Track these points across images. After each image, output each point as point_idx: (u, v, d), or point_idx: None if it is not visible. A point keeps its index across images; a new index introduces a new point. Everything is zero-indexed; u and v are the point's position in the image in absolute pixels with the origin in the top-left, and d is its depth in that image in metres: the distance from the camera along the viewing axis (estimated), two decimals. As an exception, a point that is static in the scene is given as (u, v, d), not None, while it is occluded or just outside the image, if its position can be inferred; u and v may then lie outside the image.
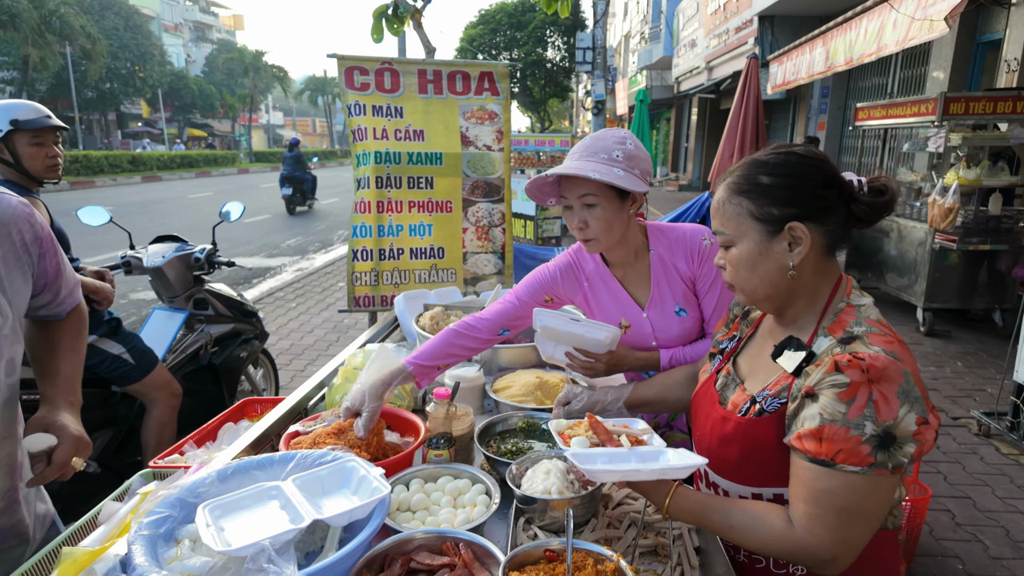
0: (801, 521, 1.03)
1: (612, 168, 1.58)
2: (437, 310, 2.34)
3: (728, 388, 1.28)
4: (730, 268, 1.17)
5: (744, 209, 1.12)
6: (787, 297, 1.15)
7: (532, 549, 1.11)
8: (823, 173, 1.11)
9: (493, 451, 1.59)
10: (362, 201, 3.44)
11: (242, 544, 1.03)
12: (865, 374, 0.97)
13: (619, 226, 1.66)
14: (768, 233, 1.10)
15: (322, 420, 1.60)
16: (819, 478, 1.00)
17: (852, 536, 1.01)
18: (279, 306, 7.31)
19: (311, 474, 1.28)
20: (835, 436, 0.98)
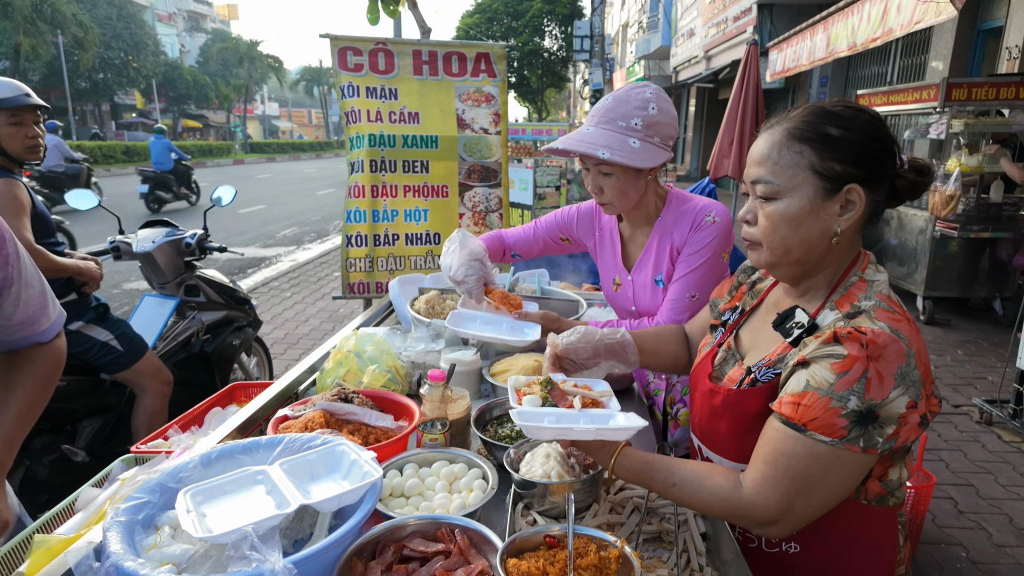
0: (753, 480, 1.01)
1: (627, 139, 1.54)
2: (432, 294, 2.28)
3: (727, 363, 1.22)
4: (766, 223, 1.05)
5: (805, 159, 1.01)
6: (815, 265, 1.08)
7: (531, 535, 1.06)
8: (885, 135, 1.04)
9: (490, 435, 1.53)
10: (356, 185, 3.36)
11: (224, 530, 0.98)
12: (864, 349, 0.92)
13: (635, 193, 1.65)
14: (824, 191, 1.01)
15: (313, 404, 1.54)
16: (784, 440, 0.97)
17: (800, 505, 0.98)
18: (274, 295, 7.24)
19: (299, 458, 1.22)
20: (814, 404, 0.94)
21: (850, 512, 1.08)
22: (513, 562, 0.98)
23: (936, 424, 4.05)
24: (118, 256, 2.99)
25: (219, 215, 12.88)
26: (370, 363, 1.76)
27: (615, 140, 1.53)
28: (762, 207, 1.06)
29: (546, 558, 1.01)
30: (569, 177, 9.84)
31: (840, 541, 1.11)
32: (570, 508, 1.05)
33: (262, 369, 3.87)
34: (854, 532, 1.10)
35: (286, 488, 1.11)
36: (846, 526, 1.10)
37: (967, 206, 5.69)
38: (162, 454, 1.27)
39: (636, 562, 0.98)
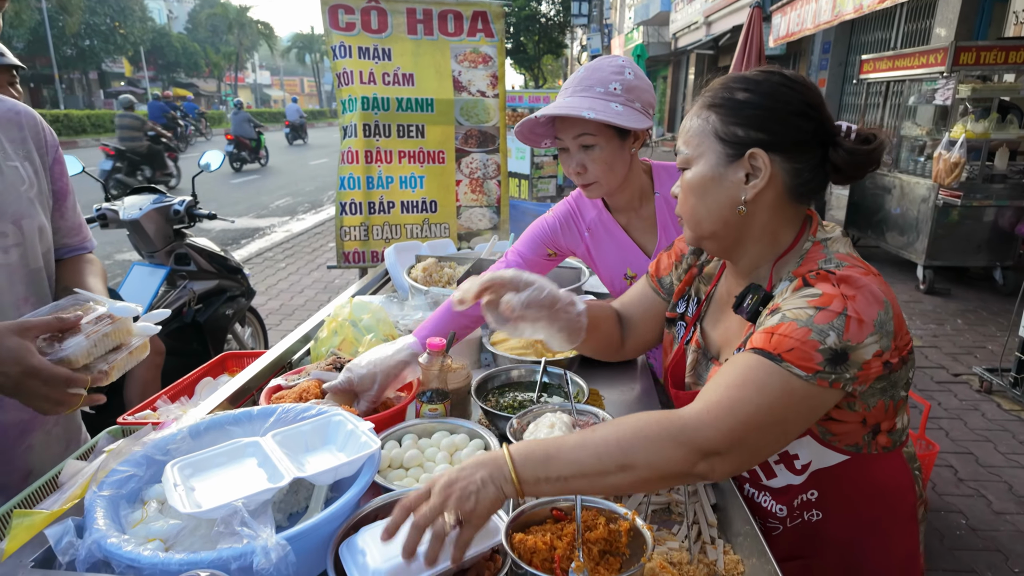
0: (707, 401, 0.87)
1: (609, 103, 1.42)
2: (430, 261, 2.21)
3: (701, 366, 1.15)
4: (681, 194, 1.04)
5: (710, 125, 0.98)
6: (736, 239, 1.02)
7: (538, 508, 1.01)
8: (803, 100, 0.96)
9: (492, 405, 1.48)
10: (349, 151, 3.26)
11: (213, 505, 0.92)
12: (837, 287, 0.88)
13: (621, 167, 1.51)
14: (727, 157, 0.97)
15: (307, 374, 1.48)
16: (756, 368, 0.87)
17: (754, 440, 0.87)
18: (268, 266, 7.15)
19: (293, 429, 1.16)
20: (792, 333, 0.87)
21: (863, 466, 1.04)
22: (519, 536, 0.94)
23: (936, 393, 4.04)
24: (104, 224, 2.91)
25: (211, 185, 12.69)
26: (366, 332, 1.70)
27: (597, 103, 1.41)
28: (680, 180, 1.04)
29: (553, 532, 0.97)
30: (567, 146, 9.72)
31: (860, 496, 1.07)
32: (578, 481, 1.00)
33: (257, 340, 3.82)
34: (870, 482, 1.06)
35: (279, 461, 1.05)
36: (862, 480, 1.06)
37: (971, 174, 5.61)
38: (149, 425, 1.21)
39: (648, 535, 0.93)
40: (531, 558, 0.90)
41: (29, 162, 1.27)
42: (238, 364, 1.75)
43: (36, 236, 1.27)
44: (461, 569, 0.91)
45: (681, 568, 1.00)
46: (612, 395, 1.65)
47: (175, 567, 0.82)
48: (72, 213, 1.41)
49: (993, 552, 2.65)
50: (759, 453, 0.93)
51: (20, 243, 1.23)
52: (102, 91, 41.81)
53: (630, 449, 0.85)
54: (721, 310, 1.13)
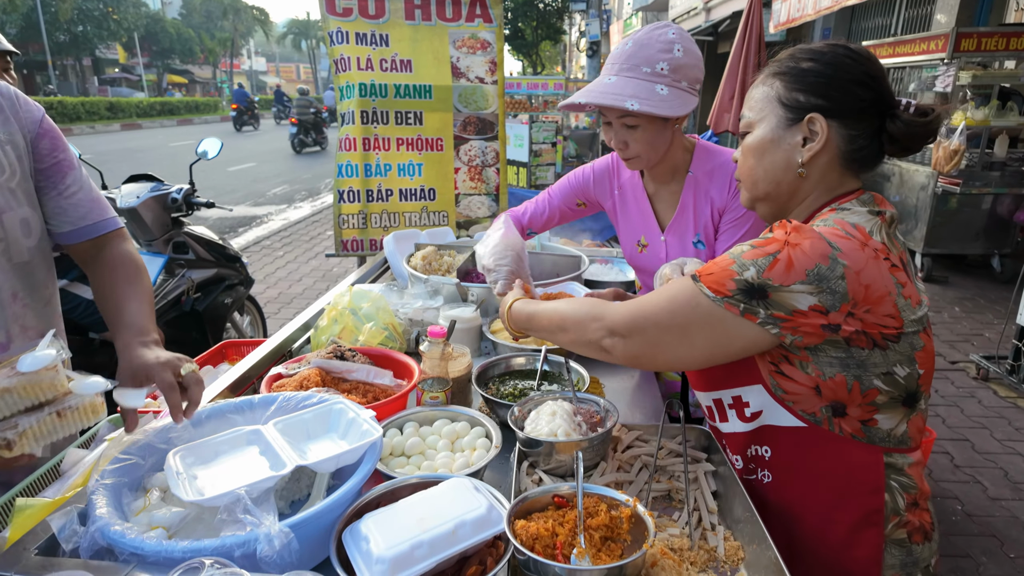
0: (628, 301, 1.08)
1: (655, 86, 1.42)
2: (429, 249, 2.20)
3: None
4: (740, 158, 1.12)
5: (774, 91, 1.06)
6: (786, 201, 1.09)
7: (540, 495, 1.01)
8: (863, 70, 1.01)
9: (492, 393, 1.48)
10: (347, 138, 3.24)
11: (215, 493, 0.93)
12: (786, 234, 0.93)
13: (662, 145, 1.54)
14: (787, 120, 1.04)
15: (307, 362, 1.48)
16: (677, 284, 1.01)
17: (654, 335, 1.01)
18: (266, 254, 7.14)
19: (294, 417, 1.16)
20: (718, 263, 0.97)
21: (823, 444, 1.01)
22: (521, 523, 0.94)
23: (933, 380, 4.06)
24: (102, 212, 2.89)
25: (208, 173, 12.62)
26: (366, 320, 1.70)
27: (642, 88, 1.41)
28: (741, 144, 1.12)
29: (555, 518, 0.97)
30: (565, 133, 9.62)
31: (813, 473, 1.05)
32: (579, 467, 1.01)
33: (256, 328, 3.81)
34: (828, 463, 1.02)
35: (281, 448, 1.05)
36: (819, 457, 1.02)
37: (970, 161, 5.60)
38: (150, 414, 1.21)
39: (650, 521, 0.93)
40: (533, 544, 0.90)
41: (11, 145, 1.16)
42: (238, 352, 1.75)
43: (18, 230, 1.17)
44: (464, 556, 0.92)
45: (682, 554, 1.01)
46: (612, 383, 1.65)
47: (179, 554, 0.82)
48: (79, 190, 1.26)
49: (988, 537, 2.67)
50: (658, 348, 1.02)
51: (2, 238, 1.15)
52: (96, 78, 41.40)
53: (568, 317, 1.15)
54: None
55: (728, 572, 1.00)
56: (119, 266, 1.29)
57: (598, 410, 1.27)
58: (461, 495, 0.98)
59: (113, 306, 1.24)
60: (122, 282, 1.26)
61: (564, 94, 9.36)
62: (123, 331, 1.20)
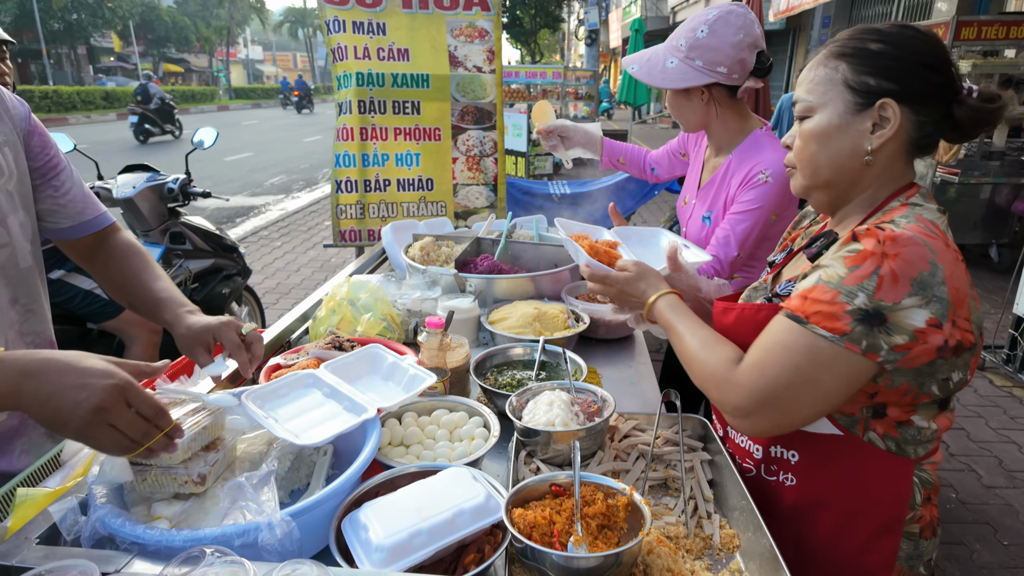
0: (746, 364, 0.97)
1: (667, 59, 1.63)
2: (427, 240, 2.20)
3: (756, 291, 1.22)
4: (799, 143, 1.03)
5: (839, 74, 0.98)
6: (848, 189, 1.03)
7: (537, 484, 1.02)
8: (935, 53, 0.96)
9: (490, 383, 1.49)
10: (344, 128, 3.22)
11: (316, 438, 1.02)
12: (880, 245, 0.86)
13: (689, 113, 1.74)
14: (856, 106, 0.97)
15: (306, 353, 1.48)
16: (785, 331, 0.93)
17: (786, 401, 0.92)
18: (263, 245, 7.12)
19: (340, 360, 1.30)
20: (821, 297, 0.89)
21: (856, 455, 1.01)
22: (519, 512, 0.95)
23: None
24: (98, 202, 2.88)
25: (205, 163, 12.57)
26: (364, 311, 1.70)
27: (655, 57, 1.65)
28: (799, 128, 1.04)
29: (552, 507, 0.98)
30: (564, 123, 9.62)
31: (840, 487, 1.05)
32: (576, 456, 1.02)
33: (254, 318, 3.82)
34: (853, 475, 1.02)
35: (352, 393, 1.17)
36: (849, 470, 1.03)
37: (969, 151, 5.59)
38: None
39: (646, 510, 0.94)
40: (531, 532, 0.91)
41: (9, 147, 1.13)
42: (236, 343, 1.75)
43: (21, 233, 1.15)
44: (462, 544, 0.93)
45: (678, 542, 1.02)
46: (610, 373, 1.66)
47: (179, 543, 0.83)
48: (73, 186, 1.25)
49: (983, 525, 2.70)
50: (793, 414, 0.94)
51: (8, 243, 1.12)
52: (91, 67, 41.08)
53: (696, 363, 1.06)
54: (801, 256, 1.17)
55: (723, 559, 1.01)
56: (131, 254, 1.32)
57: (595, 400, 1.28)
58: (459, 484, 0.98)
59: (142, 290, 1.28)
60: (140, 267, 1.30)
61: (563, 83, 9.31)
62: (165, 307, 1.25)
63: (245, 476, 0.94)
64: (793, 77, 11.59)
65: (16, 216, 1.14)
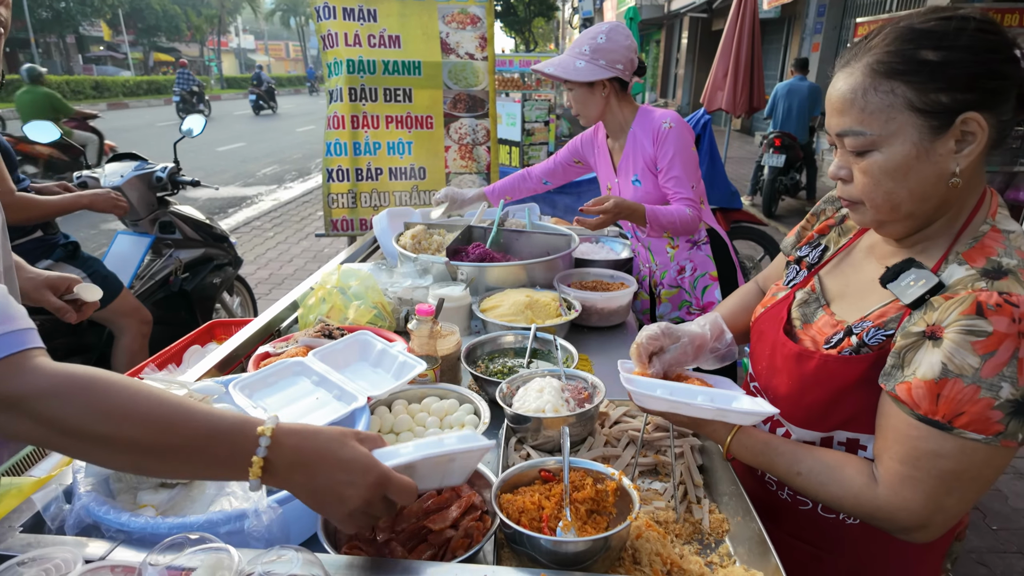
0: (890, 481, 0.87)
1: (575, 61, 1.95)
2: (419, 228, 2.19)
3: (809, 306, 1.07)
4: (865, 179, 0.89)
5: (899, 98, 0.83)
6: (931, 214, 0.91)
7: (526, 469, 1.02)
8: (1002, 43, 0.83)
9: (481, 371, 1.48)
10: (335, 116, 3.20)
11: None
12: (1016, 324, 0.77)
13: (593, 106, 2.04)
14: (932, 130, 0.83)
15: (295, 341, 1.47)
16: (927, 439, 0.83)
17: (951, 504, 0.85)
18: (256, 235, 7.08)
19: (328, 348, 1.31)
20: (959, 396, 0.80)
21: None
22: (507, 497, 0.95)
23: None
24: (86, 191, 2.85)
25: (197, 153, 12.47)
26: (355, 299, 1.69)
27: (565, 61, 1.96)
28: (856, 162, 0.89)
29: (542, 492, 0.98)
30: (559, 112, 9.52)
31: None
32: (565, 441, 1.01)
33: (246, 309, 3.80)
34: None
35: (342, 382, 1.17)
36: None
37: (962, 139, 5.59)
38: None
39: (635, 494, 0.94)
40: (519, 518, 0.91)
41: None
42: (226, 332, 1.74)
43: None
44: (451, 529, 0.92)
45: (667, 527, 1.02)
46: (601, 360, 1.65)
47: (164, 530, 0.82)
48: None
49: (973, 511, 2.72)
50: (961, 512, 0.88)
51: None
52: (80, 56, 40.58)
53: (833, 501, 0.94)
54: (854, 267, 1.06)
55: (712, 544, 1.01)
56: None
57: (586, 386, 1.27)
58: None
59: None
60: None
61: (557, 72, 9.24)
62: None
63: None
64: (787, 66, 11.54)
65: None
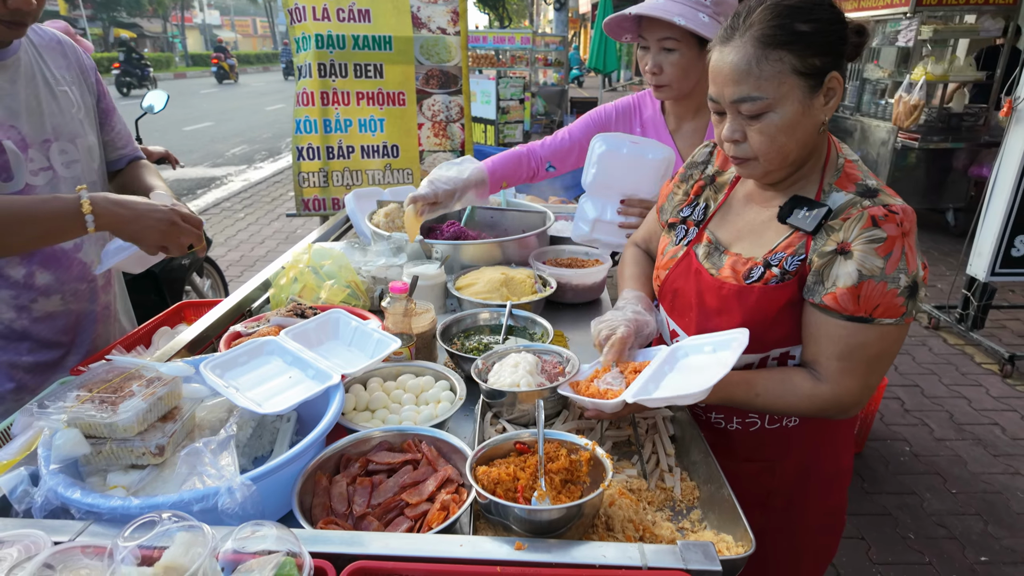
0: (832, 376, 1.06)
1: (698, 13, 1.51)
2: (392, 207, 2.16)
3: (712, 256, 1.20)
4: (761, 138, 1.03)
5: (787, 65, 0.99)
6: (807, 158, 1.10)
7: (501, 442, 1.03)
8: (842, 14, 1.04)
9: (457, 348, 1.48)
10: (304, 92, 3.13)
11: (279, 406, 1.03)
12: (900, 227, 0.99)
13: (694, 75, 1.61)
14: (810, 88, 1.00)
15: (266, 321, 1.45)
16: (855, 334, 1.03)
17: (874, 381, 1.07)
18: (226, 216, 6.94)
19: (300, 327, 1.28)
20: (873, 292, 0.99)
21: None
22: (483, 469, 0.96)
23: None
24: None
25: (163, 132, 12.12)
26: (328, 278, 1.67)
27: (687, 10, 1.50)
28: (750, 124, 1.04)
29: (517, 464, 0.99)
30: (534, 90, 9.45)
31: None
32: (540, 413, 1.02)
33: (217, 291, 3.73)
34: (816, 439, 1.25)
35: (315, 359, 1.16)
36: None
37: (928, 116, 5.70)
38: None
39: (608, 463, 0.96)
40: (495, 488, 0.92)
41: (76, 86, 1.46)
42: (196, 313, 1.71)
43: (87, 154, 1.46)
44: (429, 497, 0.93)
45: (640, 494, 1.04)
46: (576, 336, 1.67)
47: (135, 510, 0.82)
48: (121, 126, 1.62)
49: (933, 475, 2.83)
50: (879, 381, 1.10)
51: (78, 159, 1.43)
52: (36, 31, 38.81)
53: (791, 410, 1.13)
54: (738, 214, 1.21)
55: (684, 510, 1.04)
56: (147, 173, 1.62)
57: (561, 361, 1.28)
58: None
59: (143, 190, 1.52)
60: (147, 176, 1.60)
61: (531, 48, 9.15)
62: None
63: (203, 441, 0.92)
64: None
65: (84, 139, 1.45)
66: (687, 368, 1.11)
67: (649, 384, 1.07)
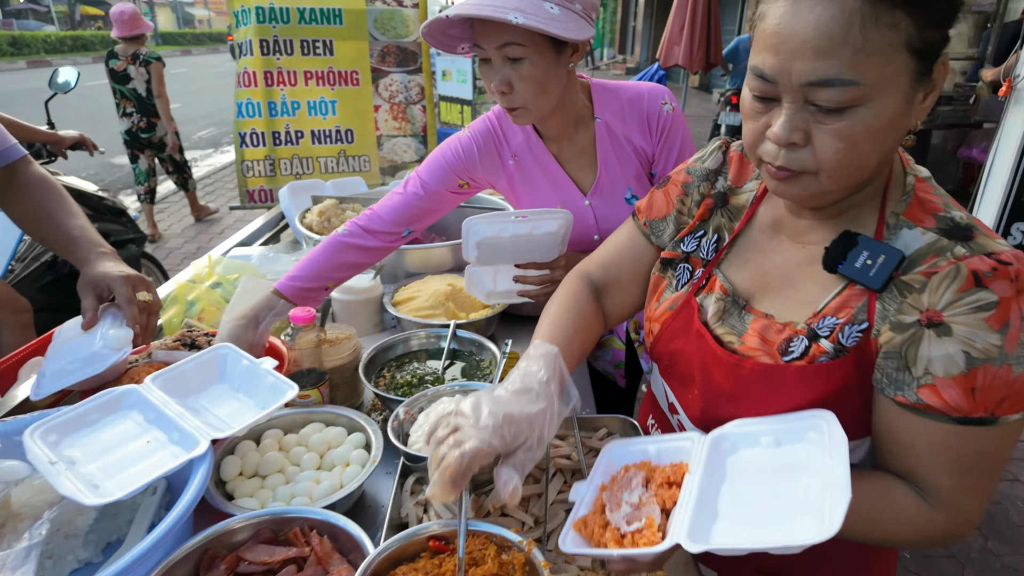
0: (946, 498, 0.73)
1: (543, 4, 1.11)
2: (328, 203, 1.89)
3: (732, 317, 0.86)
4: (839, 145, 0.67)
5: (902, 35, 0.63)
6: (874, 178, 0.77)
7: (409, 539, 0.78)
8: None
9: (385, 383, 1.24)
10: (245, 72, 2.81)
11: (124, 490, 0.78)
12: (1014, 283, 0.67)
13: (555, 87, 1.21)
14: (918, 76, 0.66)
15: (147, 355, 1.19)
16: (970, 441, 0.71)
17: (993, 492, 0.77)
18: (186, 205, 6.56)
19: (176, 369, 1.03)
20: (994, 382, 0.67)
21: None
22: (382, 583, 0.71)
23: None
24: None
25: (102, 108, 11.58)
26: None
27: (528, 4, 1.09)
28: (824, 122, 0.67)
29: (429, 569, 0.75)
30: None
31: None
32: (464, 502, 0.77)
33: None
34: None
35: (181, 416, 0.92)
36: None
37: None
38: None
39: (544, 572, 0.72)
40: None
41: None
42: (82, 337, 1.43)
43: None
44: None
45: (593, 601, 0.80)
46: (533, 360, 1.42)
47: None
48: None
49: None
50: None
51: None
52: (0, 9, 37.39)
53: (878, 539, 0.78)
54: (761, 251, 0.88)
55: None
56: (45, 189, 1.26)
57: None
58: None
59: (55, 227, 1.22)
60: (54, 203, 1.24)
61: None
62: (78, 246, 1.19)
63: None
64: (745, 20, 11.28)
65: None
66: (745, 474, 0.74)
67: (703, 511, 0.70)
